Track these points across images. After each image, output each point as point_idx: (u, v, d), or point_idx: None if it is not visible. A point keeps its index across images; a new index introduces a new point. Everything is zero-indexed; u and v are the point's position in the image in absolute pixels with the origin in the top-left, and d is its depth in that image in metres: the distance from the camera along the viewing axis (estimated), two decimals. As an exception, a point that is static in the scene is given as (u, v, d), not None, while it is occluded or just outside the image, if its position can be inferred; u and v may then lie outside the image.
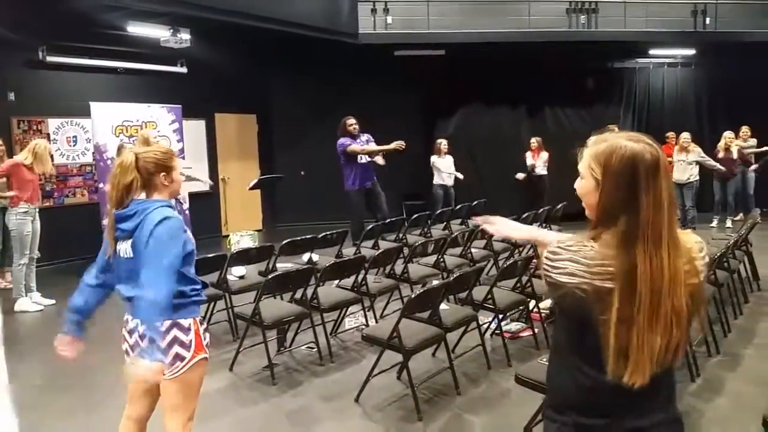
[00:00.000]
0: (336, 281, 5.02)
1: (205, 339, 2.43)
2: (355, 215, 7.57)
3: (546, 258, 1.40)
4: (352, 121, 7.48)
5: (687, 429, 3.40)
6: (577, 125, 11.16)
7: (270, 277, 4.43)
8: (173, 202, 2.66)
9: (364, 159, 7.52)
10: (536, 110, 11.44)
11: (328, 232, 5.95)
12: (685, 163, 9.13)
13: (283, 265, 5.47)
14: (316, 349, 4.50)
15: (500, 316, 4.60)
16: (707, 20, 10.79)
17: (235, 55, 9.83)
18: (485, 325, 4.71)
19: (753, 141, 10.18)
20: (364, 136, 7.62)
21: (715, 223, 9.96)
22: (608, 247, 1.34)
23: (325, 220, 9.70)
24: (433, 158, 9.83)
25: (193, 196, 8.86)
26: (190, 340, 2.38)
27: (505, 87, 10.99)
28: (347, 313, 5.14)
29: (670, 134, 10.33)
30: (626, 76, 11.71)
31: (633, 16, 10.51)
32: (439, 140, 9.94)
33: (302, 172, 10.80)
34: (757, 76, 11.10)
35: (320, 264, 5.35)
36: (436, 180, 9.87)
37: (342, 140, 7.40)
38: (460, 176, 9.90)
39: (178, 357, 2.35)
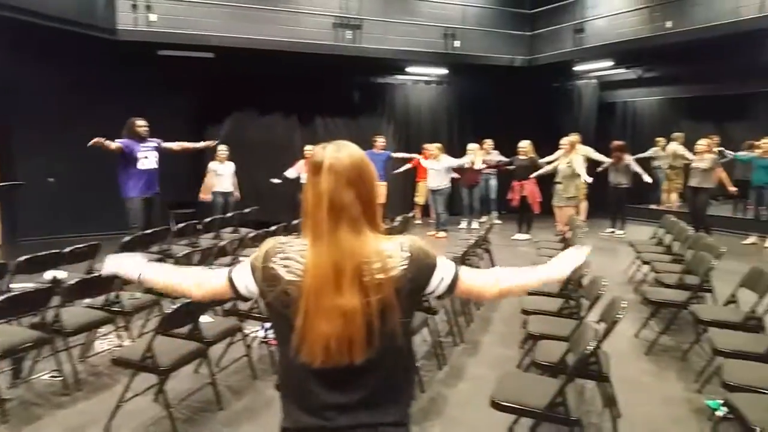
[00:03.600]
0: (87, 300, 4.57)
1: None
2: (135, 226, 6.98)
3: (275, 253, 1.49)
4: (141, 122, 7.00)
5: (433, 414, 3.73)
6: (344, 135, 11.63)
7: (0, 299, 3.87)
8: None
9: (146, 165, 7.02)
10: (308, 119, 11.74)
11: (77, 245, 5.38)
12: (436, 171, 10.07)
13: (22, 285, 4.82)
14: (60, 378, 4.03)
15: (267, 324, 4.60)
16: (456, 43, 12.05)
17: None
18: (253, 335, 4.67)
19: (496, 153, 11.54)
20: (153, 141, 7.18)
21: (463, 225, 11.12)
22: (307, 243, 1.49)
23: (80, 232, 8.78)
24: (213, 165, 9.51)
25: None
26: None
27: (278, 94, 11.09)
28: (98, 334, 4.70)
29: (427, 145, 11.30)
30: (388, 90, 12.60)
31: (393, 35, 11.33)
32: (219, 147, 9.66)
33: (50, 179, 9.63)
34: (499, 95, 12.72)
35: (67, 282, 4.82)
36: (217, 188, 9.56)
37: (123, 141, 6.86)
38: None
39: None
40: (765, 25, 8.62)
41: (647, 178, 10.22)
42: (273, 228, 6.87)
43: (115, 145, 6.81)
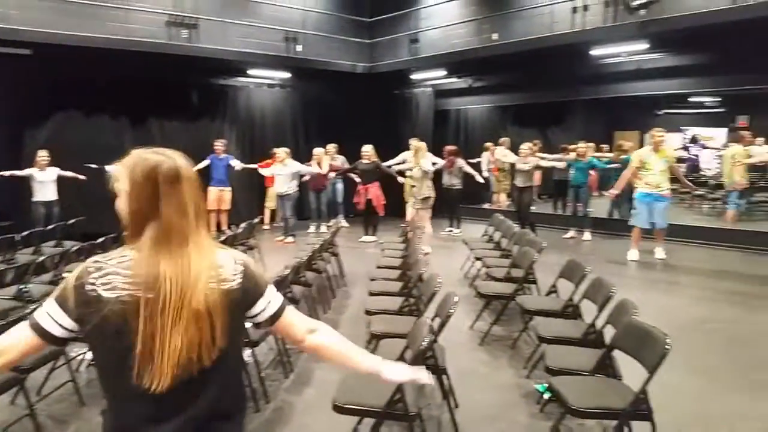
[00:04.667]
0: None
1: None
2: None
3: (89, 273, 1.38)
4: None
5: (280, 424, 3.67)
6: (183, 138, 11.16)
7: None
8: None
9: None
10: (141, 121, 11.02)
11: None
12: (283, 176, 9.98)
13: None
14: None
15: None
16: (298, 47, 12.03)
17: None
18: (80, 357, 4.28)
19: (341, 158, 11.63)
20: None
21: (312, 230, 11.11)
22: (141, 255, 1.39)
23: None
24: (31, 171, 8.60)
25: None
26: None
27: (106, 95, 10.32)
28: None
29: (276, 150, 11.06)
30: (230, 93, 12.19)
31: (233, 35, 11.04)
32: (39, 152, 8.76)
33: None
34: (343, 100, 12.90)
35: None
36: (37, 197, 8.66)
37: None
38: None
39: None
40: (574, 40, 9.62)
41: (479, 178, 10.97)
42: (100, 240, 6.36)
43: None
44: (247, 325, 1.58)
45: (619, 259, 8.46)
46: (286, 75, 12.55)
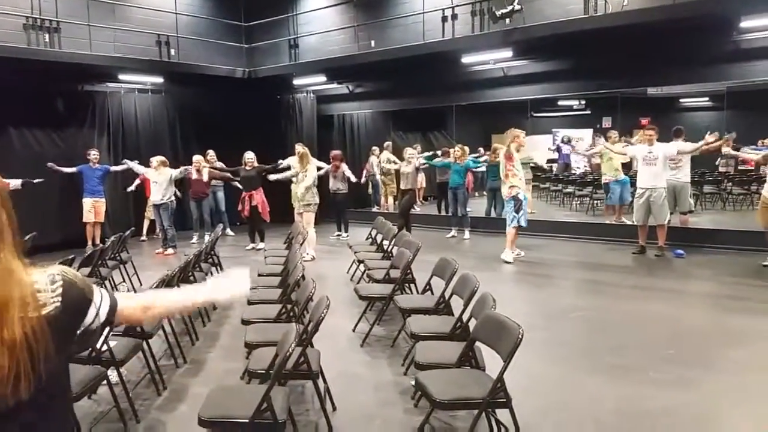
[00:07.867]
0: None
1: None
2: None
3: None
4: None
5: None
6: (49, 149, 10.45)
7: None
8: None
9: None
10: (0, 132, 10.16)
11: None
12: (157, 184, 9.57)
13: None
14: None
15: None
16: (172, 51, 11.62)
17: None
18: None
19: (220, 164, 11.33)
20: None
21: (195, 240, 10.75)
22: None
23: None
24: None
25: None
26: None
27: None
28: None
29: (154, 158, 10.48)
30: (98, 99, 11.44)
31: (99, 40, 10.47)
32: None
33: None
34: (223, 105, 12.59)
35: None
36: None
37: None
38: None
39: None
40: (445, 48, 10.01)
41: (354, 179, 11.02)
42: None
43: None
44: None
45: (496, 255, 8.85)
46: (159, 79, 11.97)
